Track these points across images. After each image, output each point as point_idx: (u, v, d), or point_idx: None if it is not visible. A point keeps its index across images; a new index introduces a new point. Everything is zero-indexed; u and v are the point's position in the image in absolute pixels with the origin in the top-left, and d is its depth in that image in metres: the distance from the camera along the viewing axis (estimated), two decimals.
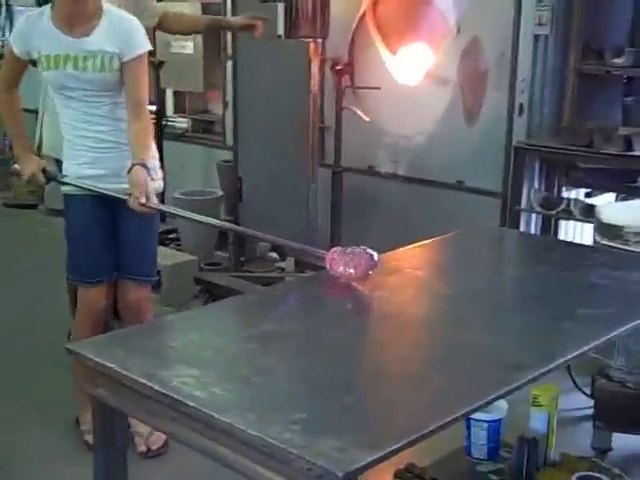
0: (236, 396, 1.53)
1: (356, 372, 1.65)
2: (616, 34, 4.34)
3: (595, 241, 3.07)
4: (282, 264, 4.80)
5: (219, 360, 1.71)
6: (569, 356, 1.68)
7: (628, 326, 1.85)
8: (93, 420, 1.77)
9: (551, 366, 1.62)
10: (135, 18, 2.92)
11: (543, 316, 1.93)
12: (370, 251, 2.12)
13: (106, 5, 2.87)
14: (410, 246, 2.49)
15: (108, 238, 2.99)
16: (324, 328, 1.90)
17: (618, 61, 4.09)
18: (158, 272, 3.42)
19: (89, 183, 2.89)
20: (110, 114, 2.89)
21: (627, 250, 2.90)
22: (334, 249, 2.19)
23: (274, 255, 5.31)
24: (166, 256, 4.56)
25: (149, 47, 2.89)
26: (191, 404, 1.49)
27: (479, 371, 1.60)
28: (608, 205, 3.26)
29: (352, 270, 2.09)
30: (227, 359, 1.72)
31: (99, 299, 3.01)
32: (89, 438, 2.90)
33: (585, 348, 1.72)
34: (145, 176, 2.74)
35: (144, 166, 2.76)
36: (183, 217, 3.09)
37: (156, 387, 1.55)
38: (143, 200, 2.70)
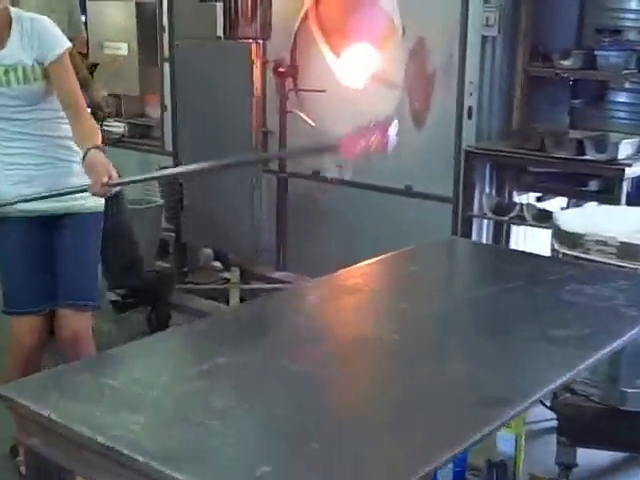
0: (191, 446, 1.36)
1: (322, 412, 1.50)
2: (562, 36, 4.26)
3: (553, 249, 2.97)
4: (227, 274, 4.60)
5: (167, 402, 1.54)
6: (552, 386, 1.55)
7: (607, 349, 1.74)
8: (27, 473, 1.57)
9: (534, 398, 1.49)
10: (46, 17, 2.71)
11: (516, 339, 1.80)
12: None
13: (14, 10, 2.67)
14: (366, 262, 2.34)
15: (44, 263, 2.76)
16: (281, 358, 1.74)
17: (566, 63, 4.02)
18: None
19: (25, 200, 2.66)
20: (42, 130, 2.69)
21: (588, 259, 2.80)
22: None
23: (218, 265, 5.13)
24: None
25: (68, 44, 2.69)
26: (139, 458, 1.31)
27: (458, 410, 1.46)
28: (565, 212, 3.17)
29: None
30: (177, 400, 1.55)
31: (30, 331, 2.74)
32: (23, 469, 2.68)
33: (567, 376, 1.59)
34: (103, 156, 2.53)
35: (99, 149, 2.55)
36: (154, 178, 2.91)
37: (98, 438, 1.37)
38: (106, 179, 2.45)
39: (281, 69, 4.33)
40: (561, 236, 2.95)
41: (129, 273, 4.13)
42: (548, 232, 3.97)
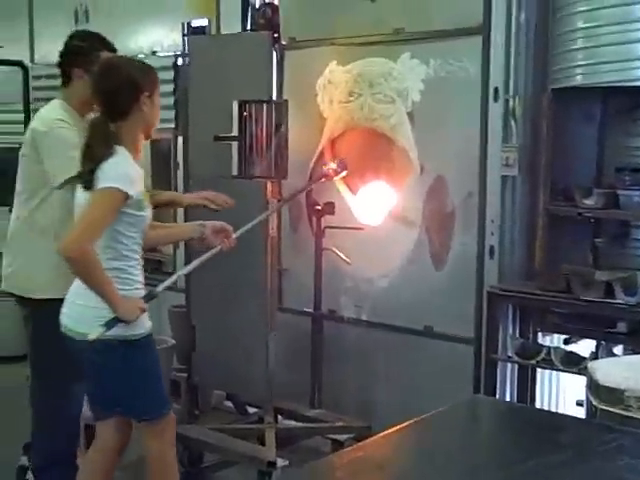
0: None
1: None
2: (582, 175, 4.20)
3: (591, 404, 2.79)
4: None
5: None
6: None
7: None
8: None
9: None
10: None
11: None
12: None
13: None
14: (383, 433, 2.15)
15: None
16: None
17: (588, 202, 3.94)
18: None
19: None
20: None
21: (630, 417, 2.62)
22: None
23: (229, 404, 4.95)
24: None
25: None
26: None
27: None
28: (603, 363, 3.00)
29: None
30: None
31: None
32: None
33: None
34: None
35: None
36: None
37: None
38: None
39: (318, 207, 4.28)
40: (599, 391, 2.77)
41: None
42: (575, 377, 3.85)
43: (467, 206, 4.07)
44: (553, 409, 4.07)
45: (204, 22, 4.75)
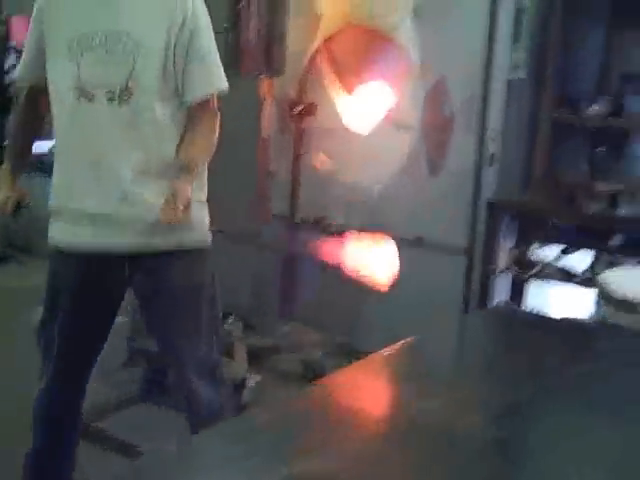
0: None
1: None
2: (586, 83, 4.06)
3: (604, 315, 2.72)
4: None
5: None
6: None
7: None
8: None
9: None
10: None
11: None
12: None
13: None
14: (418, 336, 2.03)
15: None
16: None
17: (592, 110, 3.81)
18: None
19: None
20: None
21: None
22: None
23: None
24: None
25: None
26: None
27: None
28: (614, 275, 2.92)
29: None
30: None
31: None
32: None
33: None
34: None
35: None
36: None
37: None
38: None
39: (298, 107, 4.06)
40: (610, 300, 2.69)
41: None
42: (570, 288, 3.78)
43: (468, 110, 3.89)
44: None
45: None
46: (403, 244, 4.13)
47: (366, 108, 4.26)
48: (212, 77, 2.37)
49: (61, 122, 2.34)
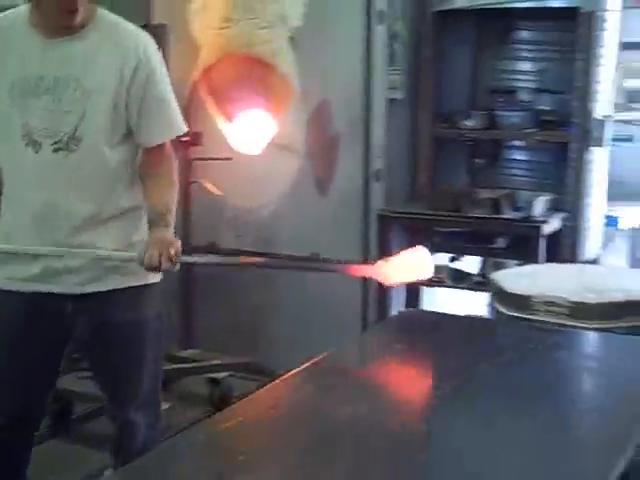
0: None
1: None
2: (459, 97, 4.31)
3: (498, 312, 2.91)
4: None
5: None
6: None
7: None
8: None
9: None
10: None
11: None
12: None
13: None
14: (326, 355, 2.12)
15: None
16: None
17: (468, 124, 4.05)
18: None
19: None
20: None
21: (537, 320, 2.75)
22: None
23: None
24: None
25: None
26: None
27: None
28: (505, 274, 3.13)
29: None
30: None
31: None
32: None
33: None
34: None
35: None
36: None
37: None
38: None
39: (184, 138, 4.10)
40: (504, 298, 2.89)
41: None
42: (463, 292, 3.99)
43: (352, 130, 4.06)
44: None
45: None
46: (299, 262, 4.24)
47: (250, 134, 4.36)
48: (169, 121, 2.33)
49: (8, 166, 2.28)
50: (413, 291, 4.05)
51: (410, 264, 2.07)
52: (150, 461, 1.65)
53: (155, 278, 2.38)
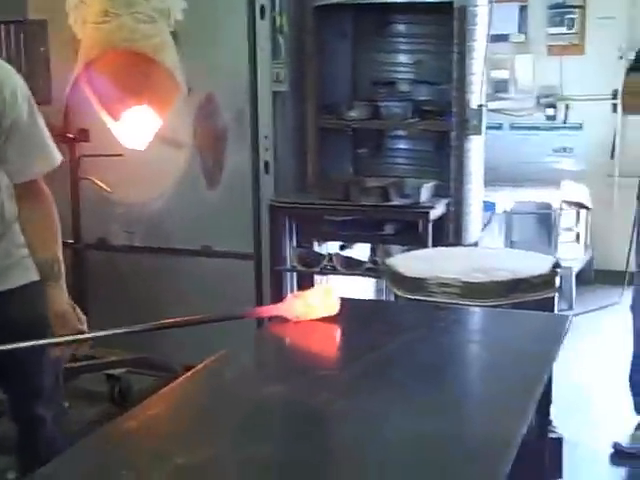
0: None
1: None
2: (341, 89, 4.43)
3: (396, 295, 3.04)
4: None
5: None
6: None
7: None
8: None
9: None
10: None
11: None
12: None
13: None
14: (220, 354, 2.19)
15: None
16: None
17: (352, 115, 4.17)
18: None
19: None
20: None
21: (433, 301, 2.89)
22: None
23: None
24: None
25: None
26: None
27: None
28: (400, 258, 3.25)
29: None
30: None
31: None
32: None
33: None
34: None
35: None
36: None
37: None
38: None
39: (70, 135, 4.06)
40: (402, 282, 3.01)
41: None
42: (355, 279, 4.12)
43: (239, 123, 4.12)
44: None
45: None
46: (190, 254, 4.28)
47: (136, 130, 4.35)
48: (36, 158, 2.26)
49: None
50: (307, 278, 4.15)
51: (318, 302, 2.15)
52: (68, 459, 1.63)
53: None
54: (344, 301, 2.25)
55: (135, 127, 4.36)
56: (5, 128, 2.17)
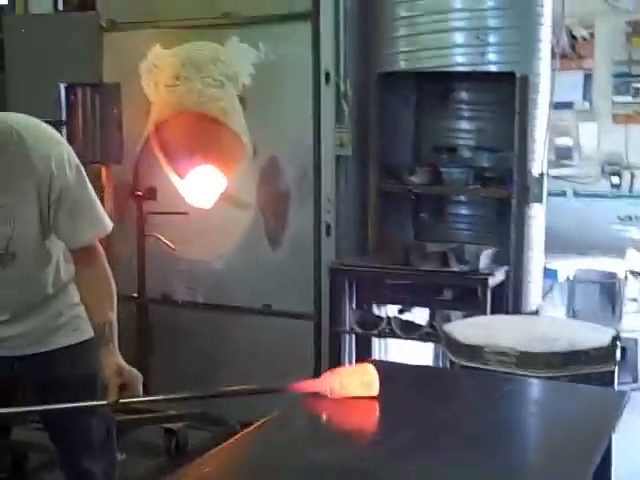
0: None
1: None
2: (403, 154, 4.49)
3: (451, 362, 3.03)
4: None
5: None
6: None
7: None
8: None
9: None
10: None
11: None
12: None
13: None
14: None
15: None
16: None
17: (414, 179, 4.22)
18: None
19: None
20: None
21: (489, 370, 2.88)
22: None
23: None
24: None
25: None
26: None
27: None
28: (456, 325, 3.26)
29: None
30: None
31: None
32: None
33: None
34: None
35: None
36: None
37: None
38: None
39: (138, 192, 4.19)
40: (457, 348, 3.01)
41: None
42: (413, 343, 4.11)
43: (302, 186, 4.20)
44: None
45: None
46: (251, 313, 4.34)
47: (202, 189, 4.47)
48: (86, 226, 2.30)
49: None
50: (365, 342, 4.16)
51: (358, 380, 2.13)
52: None
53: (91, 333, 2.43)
54: (398, 366, 2.27)
55: (201, 186, 4.48)
56: (54, 199, 2.22)
